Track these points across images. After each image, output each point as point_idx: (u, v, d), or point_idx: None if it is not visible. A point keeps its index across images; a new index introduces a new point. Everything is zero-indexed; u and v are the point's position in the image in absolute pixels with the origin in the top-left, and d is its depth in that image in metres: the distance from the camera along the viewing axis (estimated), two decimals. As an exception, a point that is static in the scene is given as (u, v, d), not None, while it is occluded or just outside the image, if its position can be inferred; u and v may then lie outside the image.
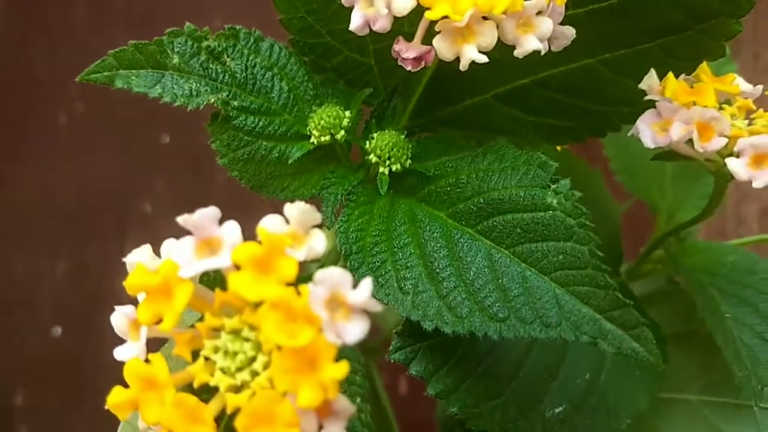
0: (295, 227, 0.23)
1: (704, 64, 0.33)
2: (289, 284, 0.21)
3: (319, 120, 0.32)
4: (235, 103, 0.31)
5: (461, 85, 0.37)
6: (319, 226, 0.23)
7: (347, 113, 0.32)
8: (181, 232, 0.77)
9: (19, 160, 0.84)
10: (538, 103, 0.37)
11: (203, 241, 0.22)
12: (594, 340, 0.26)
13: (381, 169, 0.32)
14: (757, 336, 0.37)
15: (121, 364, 0.24)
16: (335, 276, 0.22)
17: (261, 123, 0.32)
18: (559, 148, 0.40)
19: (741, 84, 0.33)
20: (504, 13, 0.26)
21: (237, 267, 0.22)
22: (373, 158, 0.32)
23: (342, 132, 0.32)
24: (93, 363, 0.82)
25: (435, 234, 0.30)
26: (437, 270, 0.29)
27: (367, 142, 0.32)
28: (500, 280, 0.28)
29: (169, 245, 0.23)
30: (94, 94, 0.87)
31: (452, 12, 0.26)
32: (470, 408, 0.31)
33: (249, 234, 0.24)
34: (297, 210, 0.23)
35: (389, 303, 0.29)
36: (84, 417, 0.82)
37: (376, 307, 0.22)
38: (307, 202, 0.34)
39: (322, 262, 0.33)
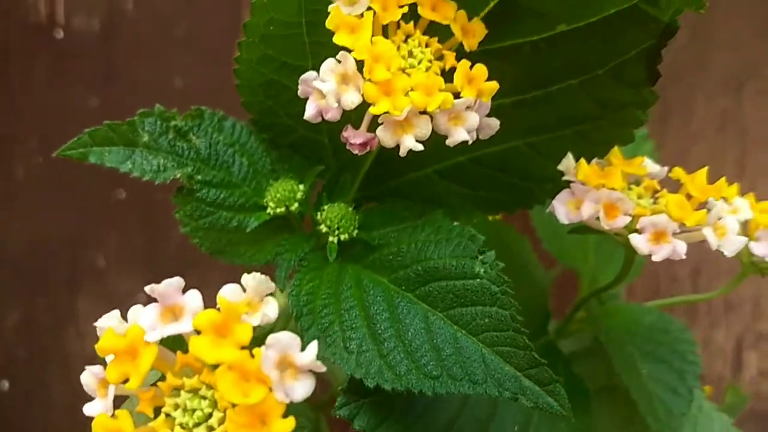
0: (251, 295, 0.26)
1: (615, 149, 0.38)
2: (243, 347, 0.24)
3: (275, 193, 0.35)
4: (199, 177, 0.34)
5: (405, 161, 0.41)
6: (272, 294, 0.27)
7: (301, 187, 0.36)
8: (134, 287, 0.79)
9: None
10: (473, 178, 0.41)
11: (167, 307, 0.25)
12: (515, 395, 0.30)
13: (330, 239, 0.35)
14: (671, 390, 0.41)
15: (66, 421, 0.26)
16: (285, 339, 0.25)
17: (222, 195, 0.35)
18: (491, 217, 0.44)
19: (648, 165, 0.38)
20: (437, 108, 0.30)
21: (198, 331, 0.25)
22: (323, 228, 0.35)
23: (296, 204, 0.35)
24: (39, 417, 0.82)
25: (378, 298, 0.33)
26: (379, 331, 0.32)
27: (319, 214, 0.36)
28: (435, 341, 0.32)
29: (136, 310, 0.26)
30: (52, 148, 0.89)
31: (392, 108, 0.30)
32: (409, 459, 0.34)
33: (203, 289, 0.27)
34: (253, 280, 0.26)
35: (336, 361, 0.32)
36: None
37: (321, 368, 0.25)
38: (262, 267, 0.37)
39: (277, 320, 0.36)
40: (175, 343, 0.28)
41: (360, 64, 0.30)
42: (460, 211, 0.42)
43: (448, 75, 0.32)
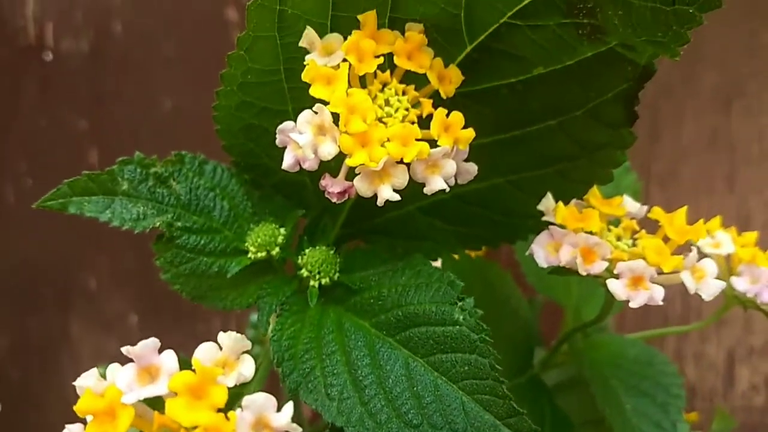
0: (227, 353, 0.26)
1: (595, 188, 0.38)
2: (219, 409, 0.24)
3: (256, 238, 0.35)
4: (179, 223, 0.34)
5: (387, 198, 0.41)
6: (249, 352, 0.27)
7: (282, 230, 0.36)
8: (126, 308, 0.79)
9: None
10: (456, 215, 0.41)
11: (144, 368, 0.25)
12: (494, 444, 0.30)
13: (311, 283, 0.35)
14: (654, 424, 0.41)
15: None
16: (260, 401, 0.25)
17: (203, 241, 0.35)
18: (474, 253, 0.44)
19: (628, 204, 0.38)
20: (414, 158, 0.31)
21: (174, 393, 0.25)
22: (304, 273, 0.35)
23: (277, 249, 0.35)
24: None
25: (359, 343, 0.34)
26: (360, 377, 0.32)
27: (300, 258, 0.36)
28: (415, 388, 0.32)
29: (114, 369, 0.26)
30: (42, 170, 0.89)
31: (368, 160, 0.30)
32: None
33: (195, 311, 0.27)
34: (229, 339, 0.26)
35: (317, 408, 0.32)
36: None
37: (297, 429, 0.25)
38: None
39: (258, 365, 0.36)
40: (155, 399, 0.28)
41: (336, 116, 0.30)
42: (443, 247, 0.42)
43: (425, 121, 0.32)
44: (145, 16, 0.82)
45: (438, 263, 0.43)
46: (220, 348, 0.27)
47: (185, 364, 0.30)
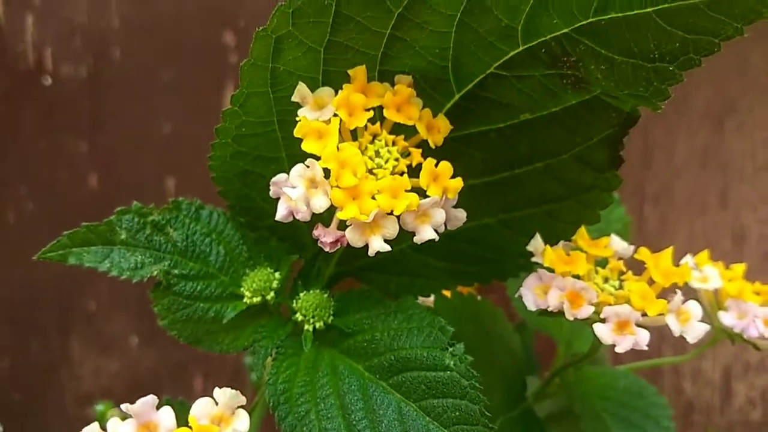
0: (223, 409, 0.27)
1: (582, 229, 0.39)
2: (215, 466, 0.25)
3: (251, 283, 0.36)
4: (176, 271, 0.35)
5: (381, 237, 0.42)
6: (244, 407, 0.28)
7: (277, 275, 0.37)
8: (126, 330, 0.79)
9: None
10: (448, 253, 0.42)
11: (143, 424, 0.26)
12: (485, 489, 0.31)
13: (306, 327, 0.36)
14: (644, 457, 0.42)
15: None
16: (255, 457, 0.26)
17: (199, 287, 0.36)
18: (467, 289, 0.45)
19: (615, 244, 0.39)
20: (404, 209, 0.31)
21: (171, 450, 0.26)
22: (299, 317, 0.36)
23: (272, 294, 0.36)
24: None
25: (353, 387, 0.34)
26: (354, 422, 0.33)
27: (294, 302, 0.37)
28: (408, 433, 0.32)
29: (114, 424, 0.27)
30: (42, 193, 0.90)
31: (359, 213, 0.31)
32: None
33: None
34: (224, 395, 0.27)
35: (312, 452, 0.33)
36: None
37: (290, 483, 0.26)
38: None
39: (251, 409, 0.37)
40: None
41: (328, 170, 0.31)
42: (435, 283, 0.43)
43: (415, 170, 0.33)
44: (143, 41, 0.83)
45: (431, 300, 0.43)
46: (216, 403, 0.27)
47: (182, 407, 0.31)
